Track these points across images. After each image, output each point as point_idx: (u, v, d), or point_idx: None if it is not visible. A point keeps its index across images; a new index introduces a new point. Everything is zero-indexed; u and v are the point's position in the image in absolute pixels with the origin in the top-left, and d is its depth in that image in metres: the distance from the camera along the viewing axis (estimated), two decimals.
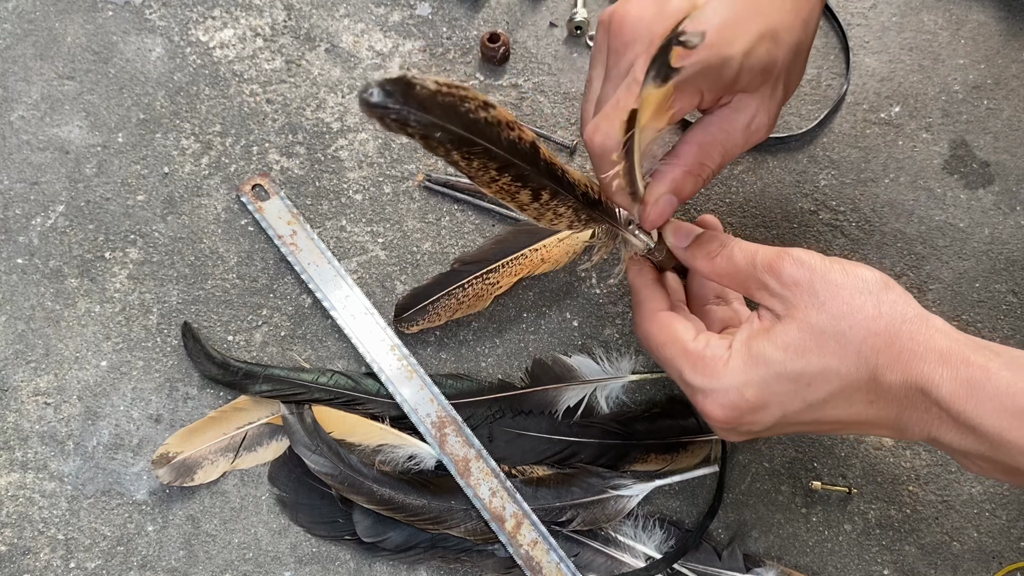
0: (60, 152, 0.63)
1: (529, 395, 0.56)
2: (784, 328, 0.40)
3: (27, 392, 0.57)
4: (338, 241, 0.61)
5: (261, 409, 0.56)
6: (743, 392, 0.40)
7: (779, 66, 0.43)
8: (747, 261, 0.42)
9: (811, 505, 0.55)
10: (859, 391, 0.39)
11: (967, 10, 0.67)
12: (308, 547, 0.54)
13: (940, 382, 0.37)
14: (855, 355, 0.39)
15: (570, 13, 0.65)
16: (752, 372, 0.40)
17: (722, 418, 0.41)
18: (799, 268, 0.40)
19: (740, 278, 0.43)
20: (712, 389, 0.41)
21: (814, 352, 0.39)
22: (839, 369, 0.39)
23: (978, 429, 0.37)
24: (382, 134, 0.63)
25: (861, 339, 0.38)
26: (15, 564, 0.53)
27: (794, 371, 0.39)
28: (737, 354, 0.41)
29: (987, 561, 0.54)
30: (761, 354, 0.40)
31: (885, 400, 0.39)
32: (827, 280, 0.40)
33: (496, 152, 0.37)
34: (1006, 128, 0.64)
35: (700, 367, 0.41)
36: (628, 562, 0.53)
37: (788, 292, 0.40)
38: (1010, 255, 0.60)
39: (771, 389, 0.40)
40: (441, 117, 0.34)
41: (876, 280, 0.40)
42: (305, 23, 0.67)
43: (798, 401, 0.40)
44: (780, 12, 0.42)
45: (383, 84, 0.32)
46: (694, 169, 0.44)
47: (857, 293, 0.39)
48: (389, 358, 0.56)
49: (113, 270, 0.60)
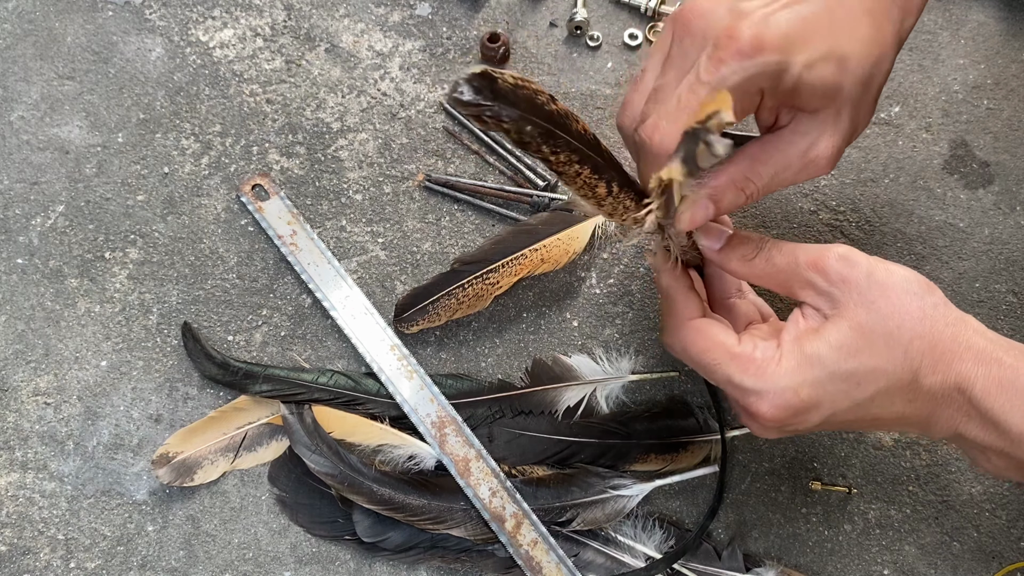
0: (60, 152, 0.63)
1: (529, 395, 0.56)
2: (835, 327, 0.40)
3: (27, 392, 0.57)
4: (338, 241, 0.61)
5: (261, 409, 0.56)
6: (799, 392, 0.40)
7: (844, 93, 0.41)
8: (788, 261, 0.42)
9: (811, 505, 0.55)
10: (901, 390, 0.40)
11: (967, 10, 0.67)
12: (308, 547, 0.54)
13: (975, 381, 0.39)
14: (902, 356, 0.39)
15: (570, 13, 0.65)
16: (807, 372, 0.40)
17: (775, 418, 0.41)
18: (846, 265, 0.40)
19: (781, 278, 0.43)
20: (767, 390, 0.41)
21: (865, 352, 0.39)
22: (887, 368, 0.39)
23: (1002, 426, 0.38)
24: (382, 134, 0.63)
25: (908, 340, 0.39)
26: (15, 564, 0.53)
27: (847, 370, 0.40)
28: (789, 355, 0.41)
29: (987, 561, 0.54)
30: (815, 354, 0.40)
31: (923, 399, 0.40)
32: (874, 278, 0.40)
33: (575, 144, 0.38)
34: (1006, 128, 0.64)
35: (752, 369, 0.41)
36: (628, 562, 0.53)
37: (836, 289, 0.40)
38: (1010, 255, 0.60)
39: (824, 389, 0.40)
40: (526, 111, 0.35)
41: (919, 281, 0.41)
42: (305, 23, 0.67)
43: (848, 400, 0.40)
44: (854, 41, 0.41)
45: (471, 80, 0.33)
46: (738, 181, 0.43)
47: (903, 293, 0.40)
48: (389, 358, 0.56)
49: (113, 270, 0.60)
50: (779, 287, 0.43)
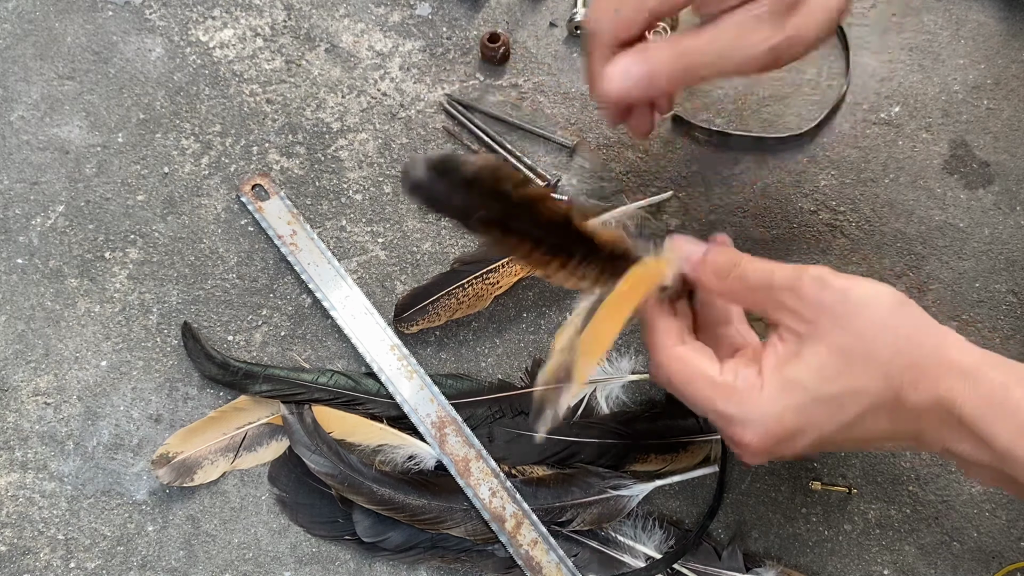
0: (60, 152, 0.63)
1: (529, 395, 0.56)
2: (814, 351, 0.40)
3: (27, 392, 0.57)
4: (338, 241, 0.61)
5: (261, 409, 0.56)
6: (782, 419, 0.40)
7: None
8: (762, 281, 0.42)
9: (811, 505, 0.55)
10: (885, 409, 0.40)
11: (967, 10, 0.67)
12: (308, 547, 0.54)
13: (963, 399, 0.38)
14: (883, 375, 0.39)
15: (570, 13, 0.65)
16: (789, 398, 0.40)
17: (760, 446, 0.41)
18: (821, 287, 0.40)
19: (756, 298, 0.42)
20: (750, 419, 0.41)
21: (845, 374, 0.39)
22: (868, 389, 0.39)
23: (991, 442, 0.38)
24: (382, 134, 0.63)
25: (888, 359, 0.39)
26: (15, 564, 0.53)
27: (829, 394, 0.39)
28: (770, 382, 0.40)
29: (987, 561, 0.54)
30: (796, 379, 0.40)
31: (908, 415, 0.40)
32: (849, 299, 0.40)
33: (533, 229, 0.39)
34: (1006, 128, 0.64)
35: (735, 399, 0.41)
36: (628, 562, 0.53)
37: (812, 312, 0.40)
38: (1010, 255, 0.60)
39: (808, 414, 0.40)
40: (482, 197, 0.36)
41: (898, 298, 0.40)
42: (305, 23, 0.67)
43: (833, 423, 0.40)
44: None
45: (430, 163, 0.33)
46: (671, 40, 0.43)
47: (881, 312, 0.39)
48: (389, 358, 0.56)
49: (113, 270, 0.60)
50: (754, 307, 0.43)
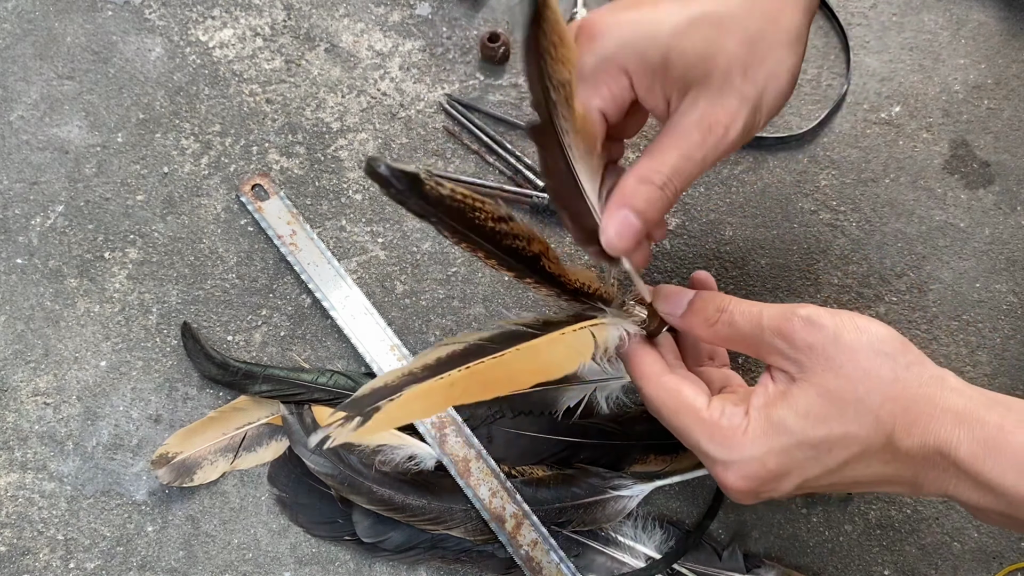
0: (60, 152, 0.62)
1: (529, 395, 0.56)
2: (802, 393, 0.39)
3: (27, 392, 0.57)
4: (338, 241, 0.60)
5: (261, 409, 0.56)
6: (765, 462, 0.39)
7: (727, 56, 0.39)
8: (751, 325, 0.41)
9: (811, 505, 0.55)
10: (876, 454, 0.39)
11: (967, 10, 0.67)
12: (308, 547, 0.54)
13: (958, 444, 0.37)
14: (873, 420, 0.38)
15: (570, 13, 0.65)
16: (773, 441, 0.39)
17: (743, 488, 0.40)
18: (811, 330, 0.39)
19: (747, 343, 0.41)
20: (733, 460, 0.40)
21: (834, 419, 0.38)
22: (858, 434, 0.38)
23: (996, 487, 0.36)
24: (382, 134, 0.63)
25: (879, 404, 0.38)
26: (15, 564, 0.53)
27: (815, 438, 0.38)
28: (756, 422, 0.40)
29: (987, 561, 0.54)
30: (781, 422, 0.39)
31: (902, 461, 0.39)
32: (841, 341, 0.38)
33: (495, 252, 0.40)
34: (1006, 128, 0.64)
35: (718, 437, 0.40)
36: (628, 562, 0.53)
37: (802, 356, 0.39)
38: (1010, 255, 0.60)
39: (792, 457, 0.39)
40: (444, 213, 0.36)
41: (892, 340, 0.39)
42: (305, 23, 0.67)
43: (819, 467, 0.39)
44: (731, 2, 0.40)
45: (392, 169, 0.34)
46: (645, 176, 0.40)
47: (874, 355, 0.38)
48: (389, 358, 0.56)
49: (112, 270, 0.60)
50: (747, 350, 0.42)
